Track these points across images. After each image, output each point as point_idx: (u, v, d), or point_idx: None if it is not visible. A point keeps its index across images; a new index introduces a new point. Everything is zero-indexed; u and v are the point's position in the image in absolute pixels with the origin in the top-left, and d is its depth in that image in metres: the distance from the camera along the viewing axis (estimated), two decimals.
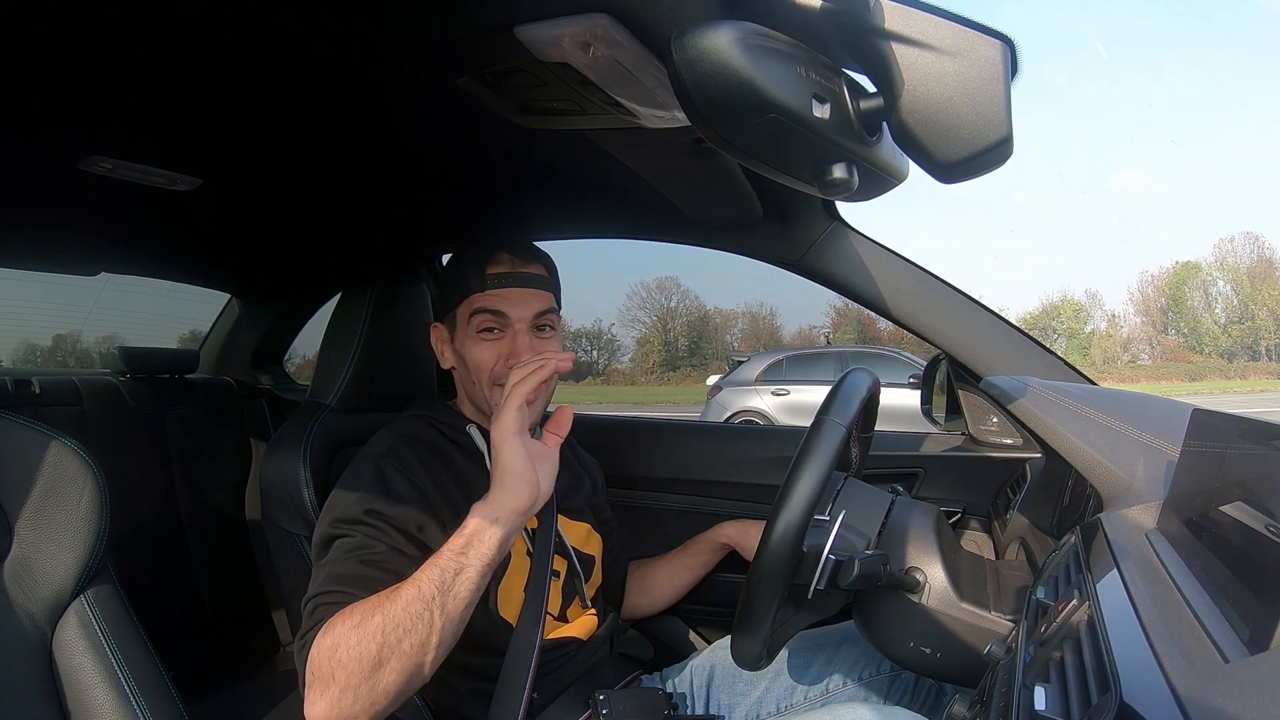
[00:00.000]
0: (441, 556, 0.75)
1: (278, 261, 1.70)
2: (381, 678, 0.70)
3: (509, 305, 0.93)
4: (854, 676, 1.01)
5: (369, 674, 0.70)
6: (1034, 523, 1.00)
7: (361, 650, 0.70)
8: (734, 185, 1.06)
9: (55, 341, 2.66)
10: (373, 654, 0.70)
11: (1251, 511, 0.48)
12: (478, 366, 0.94)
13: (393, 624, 0.70)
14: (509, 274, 0.94)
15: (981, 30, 0.48)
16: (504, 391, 0.80)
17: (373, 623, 0.70)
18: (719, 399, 8.40)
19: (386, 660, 0.70)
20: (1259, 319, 32.76)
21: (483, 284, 0.94)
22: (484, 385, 0.95)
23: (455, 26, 0.63)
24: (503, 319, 0.93)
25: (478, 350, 0.94)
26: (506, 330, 0.94)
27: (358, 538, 0.82)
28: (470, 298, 0.94)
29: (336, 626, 0.72)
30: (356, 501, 0.85)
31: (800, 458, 0.74)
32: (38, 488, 0.71)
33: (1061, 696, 0.45)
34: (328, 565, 0.81)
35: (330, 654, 0.71)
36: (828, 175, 0.53)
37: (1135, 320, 36.21)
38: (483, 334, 0.94)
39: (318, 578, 0.81)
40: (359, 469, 0.89)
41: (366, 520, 0.83)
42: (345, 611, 0.73)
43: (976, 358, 1.18)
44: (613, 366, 35.05)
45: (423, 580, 0.73)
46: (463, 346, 0.96)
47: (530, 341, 0.93)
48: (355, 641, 0.70)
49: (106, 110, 0.83)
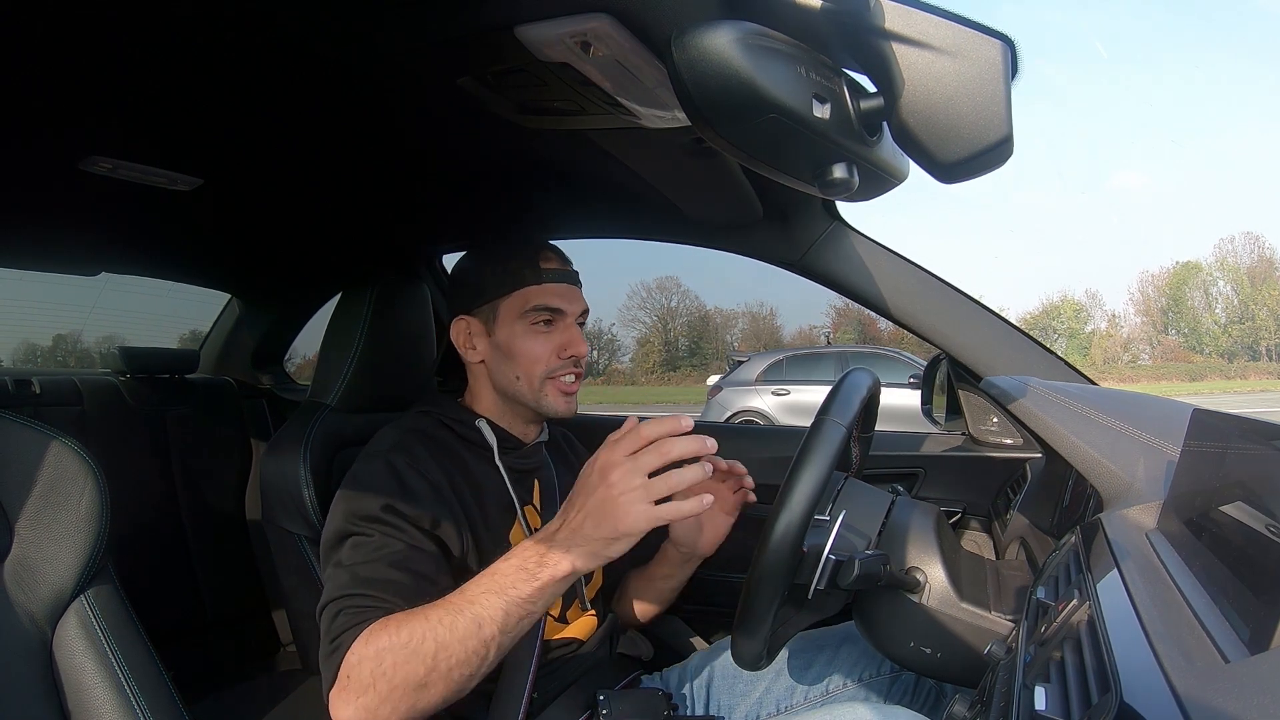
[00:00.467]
0: (509, 592, 0.73)
1: (278, 261, 1.70)
2: (424, 696, 0.72)
3: (564, 300, 0.97)
4: (854, 677, 1.01)
5: (412, 692, 0.71)
6: (1034, 523, 1.00)
7: (410, 670, 0.71)
8: (734, 185, 1.06)
9: (55, 341, 2.66)
10: (420, 676, 0.71)
11: (1252, 511, 0.48)
12: (532, 358, 0.95)
13: (446, 653, 0.71)
14: (560, 270, 0.97)
15: (982, 30, 0.48)
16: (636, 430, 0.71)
17: (425, 647, 0.71)
18: (719, 399, 8.41)
19: (434, 684, 0.72)
20: (1259, 319, 32.77)
21: (539, 277, 0.95)
22: (536, 377, 0.96)
23: (455, 26, 0.63)
24: (559, 314, 0.96)
25: (532, 343, 0.95)
26: (558, 324, 0.97)
27: (376, 536, 0.82)
28: (525, 290, 0.95)
29: (381, 637, 0.73)
30: (371, 498, 0.85)
31: (800, 458, 0.74)
32: (38, 488, 0.71)
33: (1061, 696, 0.45)
34: (350, 565, 0.81)
35: (374, 663, 0.71)
36: (828, 175, 0.53)
37: (1135, 320, 36.26)
38: (537, 326, 0.96)
39: (339, 577, 0.80)
40: (369, 465, 0.89)
41: (383, 518, 0.83)
42: (391, 624, 0.74)
43: (977, 358, 1.18)
44: (613, 366, 35.07)
45: (485, 618, 0.72)
46: (510, 340, 0.96)
47: (580, 334, 0.98)
48: (404, 659, 0.71)
49: (106, 110, 0.83)
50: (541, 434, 1.04)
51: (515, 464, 0.98)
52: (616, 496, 0.69)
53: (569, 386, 0.98)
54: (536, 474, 1.02)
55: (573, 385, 0.98)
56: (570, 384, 0.98)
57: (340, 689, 0.73)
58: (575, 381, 0.99)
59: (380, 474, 0.87)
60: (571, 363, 0.97)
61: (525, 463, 1.00)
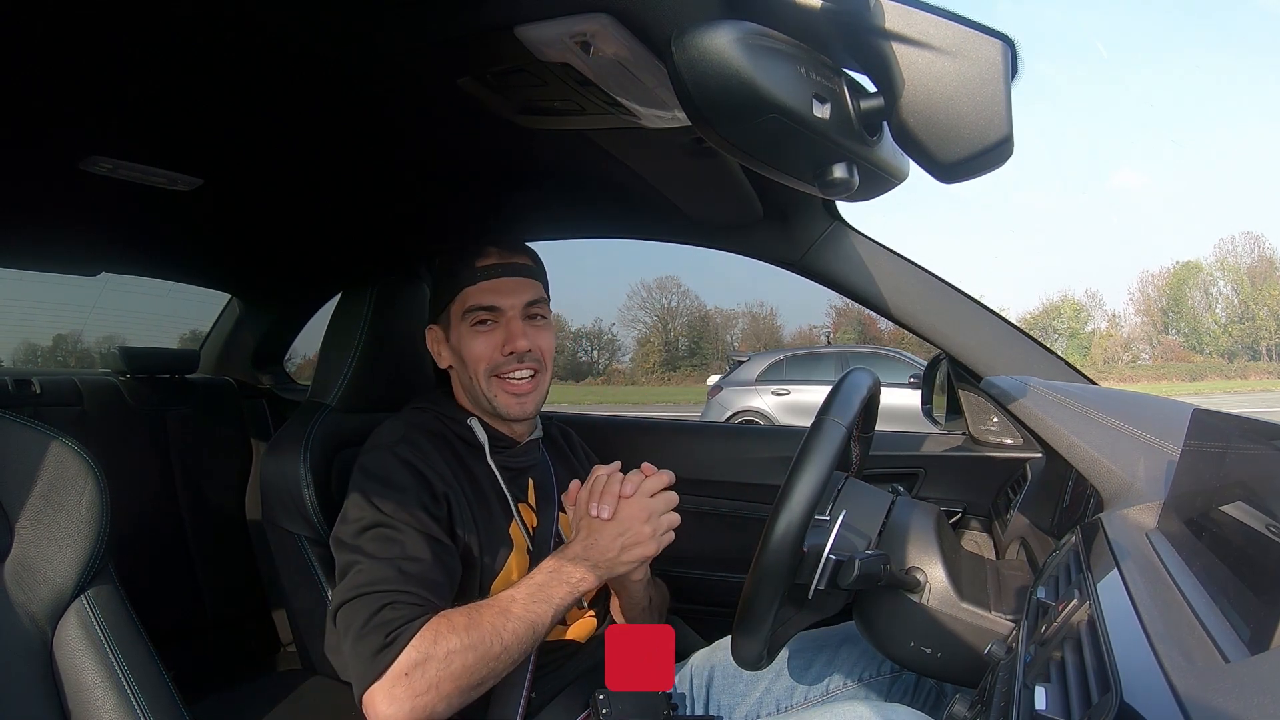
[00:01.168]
0: (554, 600, 0.84)
1: (278, 261, 1.70)
2: (473, 695, 0.79)
3: (500, 296, 0.96)
4: (854, 677, 1.01)
5: (469, 691, 0.78)
6: (1034, 523, 1.00)
7: (477, 671, 0.77)
8: (734, 185, 1.06)
9: (55, 341, 2.66)
10: (482, 676, 0.78)
11: (1252, 511, 0.48)
12: (475, 359, 0.96)
13: (508, 656, 0.80)
14: (498, 265, 0.97)
15: (982, 30, 0.48)
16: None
17: (493, 650, 0.78)
18: (719, 399, 8.41)
19: (486, 684, 0.79)
20: (1259, 319, 32.75)
21: (473, 277, 0.96)
22: (481, 377, 0.96)
23: (455, 26, 0.63)
24: (495, 311, 0.96)
25: (474, 343, 0.96)
26: (499, 320, 0.96)
27: (405, 530, 0.84)
28: (463, 293, 0.96)
29: (451, 639, 0.77)
30: (392, 490, 0.86)
31: (801, 457, 0.74)
32: (38, 488, 0.71)
33: (1062, 696, 0.45)
34: (388, 559, 0.82)
35: (442, 664, 0.75)
36: (828, 175, 0.53)
37: (1135, 320, 36.22)
38: (477, 327, 0.96)
39: (376, 570, 0.81)
40: (380, 457, 0.90)
41: (406, 508, 0.85)
42: (457, 625, 0.78)
43: (977, 358, 1.18)
44: (613, 366, 35.04)
45: (538, 623, 0.82)
46: (459, 342, 0.97)
47: (524, 328, 0.96)
48: (474, 661, 0.77)
49: (106, 110, 0.83)
50: (534, 431, 1.04)
51: (508, 462, 0.99)
52: (635, 535, 0.87)
53: (518, 386, 0.96)
54: (530, 472, 1.03)
55: (523, 384, 0.96)
56: (519, 382, 0.96)
57: (393, 685, 0.74)
58: (528, 380, 0.96)
59: (392, 466, 0.88)
60: (515, 359, 0.95)
61: (518, 461, 1.01)
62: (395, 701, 0.74)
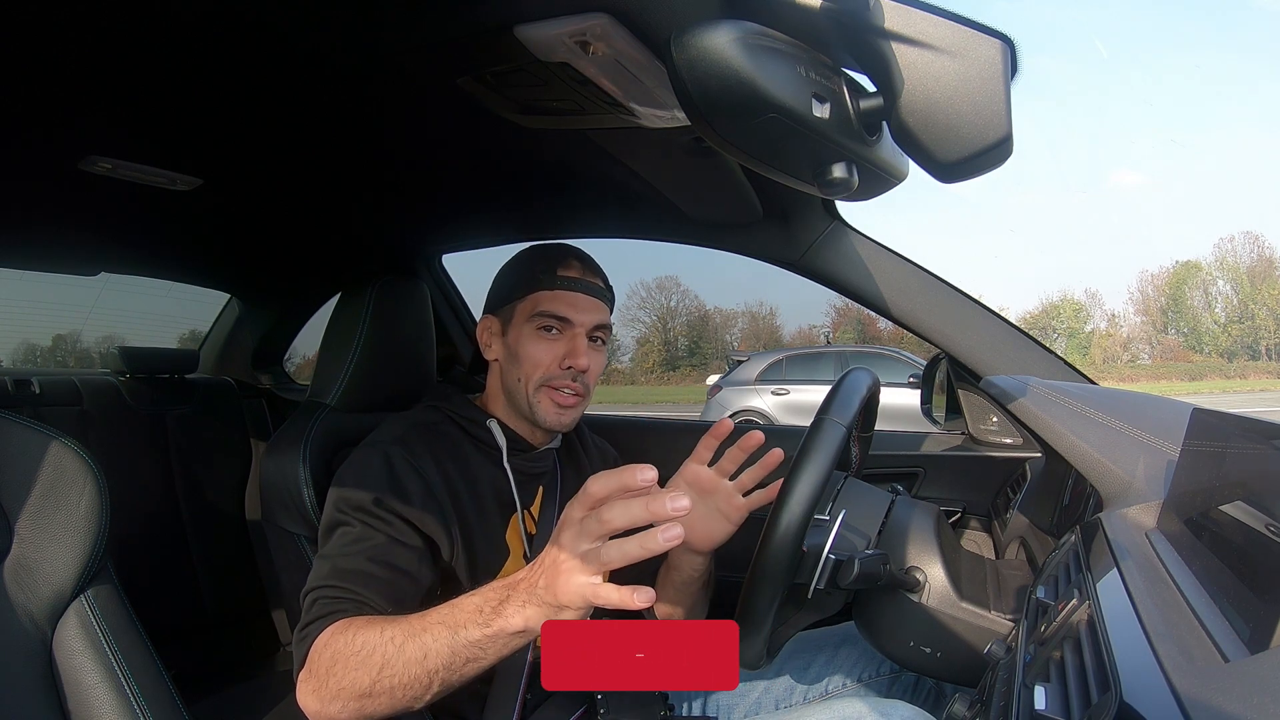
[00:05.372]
0: (459, 631, 0.67)
1: (278, 261, 1.70)
2: (369, 705, 0.71)
3: (575, 310, 0.95)
4: (854, 677, 1.01)
5: (357, 698, 0.71)
6: (1034, 522, 1.00)
7: (356, 678, 0.70)
8: (734, 185, 1.06)
9: (55, 341, 2.66)
10: (364, 685, 0.70)
11: (1252, 511, 0.48)
12: (533, 363, 0.94)
13: (390, 671, 0.69)
14: (579, 279, 0.95)
15: (981, 30, 0.48)
16: (584, 488, 0.63)
17: (373, 659, 0.70)
18: (719, 399, 8.41)
19: (378, 696, 0.70)
20: (1259, 318, 32.77)
21: (553, 283, 0.95)
22: (531, 383, 0.95)
23: (455, 26, 0.63)
24: (565, 322, 0.94)
25: (534, 347, 0.94)
26: (566, 333, 0.95)
27: (358, 527, 0.83)
28: (537, 294, 0.95)
29: (340, 639, 0.73)
30: (361, 489, 0.86)
31: (800, 457, 0.74)
32: (38, 488, 0.71)
33: (1061, 696, 0.45)
34: (332, 556, 0.82)
35: (330, 662, 0.72)
36: (828, 175, 0.53)
37: (1135, 320, 36.26)
38: (541, 332, 0.95)
39: (321, 568, 0.81)
40: (367, 455, 0.90)
41: (370, 509, 0.84)
42: (353, 627, 0.74)
43: (976, 357, 1.18)
44: (613, 366, 35.03)
45: (431, 650, 0.68)
46: (517, 342, 0.96)
47: (585, 348, 0.94)
48: (353, 666, 0.71)
49: (106, 110, 0.83)
50: (553, 440, 1.03)
51: (523, 467, 0.98)
52: (560, 562, 0.62)
53: (565, 399, 0.95)
54: (542, 479, 1.02)
55: (569, 399, 0.95)
56: (567, 398, 0.95)
57: (304, 678, 0.75)
58: (574, 397, 0.95)
59: (374, 466, 0.88)
60: (570, 375, 0.95)
61: (533, 466, 1.00)
62: (304, 696, 0.74)
